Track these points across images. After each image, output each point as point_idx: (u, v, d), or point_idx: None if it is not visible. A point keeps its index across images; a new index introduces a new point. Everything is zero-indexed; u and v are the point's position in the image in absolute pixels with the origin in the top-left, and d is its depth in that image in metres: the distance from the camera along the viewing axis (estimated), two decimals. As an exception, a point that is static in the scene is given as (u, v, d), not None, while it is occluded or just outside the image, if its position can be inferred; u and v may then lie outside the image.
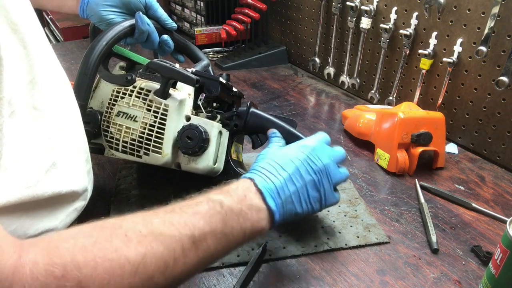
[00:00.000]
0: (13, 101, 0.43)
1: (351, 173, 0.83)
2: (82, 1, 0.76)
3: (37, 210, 0.50)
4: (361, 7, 1.08)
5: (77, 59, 1.40)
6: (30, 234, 0.49)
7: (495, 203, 0.76)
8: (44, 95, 0.50)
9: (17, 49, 0.46)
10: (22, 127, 0.46)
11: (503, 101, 0.85)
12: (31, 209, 0.49)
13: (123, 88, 0.67)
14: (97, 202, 0.69)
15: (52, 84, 0.52)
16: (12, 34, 0.45)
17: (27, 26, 0.48)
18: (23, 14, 0.48)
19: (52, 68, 0.54)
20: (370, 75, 1.15)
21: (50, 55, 0.54)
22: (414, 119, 0.82)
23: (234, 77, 1.31)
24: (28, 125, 0.47)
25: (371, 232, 0.67)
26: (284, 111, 1.10)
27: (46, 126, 0.50)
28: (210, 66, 0.83)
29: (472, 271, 0.60)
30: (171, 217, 0.45)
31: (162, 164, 0.65)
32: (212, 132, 0.65)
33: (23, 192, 0.46)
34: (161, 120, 0.65)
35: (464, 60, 0.91)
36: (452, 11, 0.90)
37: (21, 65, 0.46)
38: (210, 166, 0.65)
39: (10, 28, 0.44)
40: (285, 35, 1.46)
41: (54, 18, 1.94)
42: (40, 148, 0.49)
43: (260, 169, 0.55)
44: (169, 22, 0.81)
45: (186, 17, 1.62)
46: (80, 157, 0.58)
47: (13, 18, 0.45)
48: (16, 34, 0.45)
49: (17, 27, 0.45)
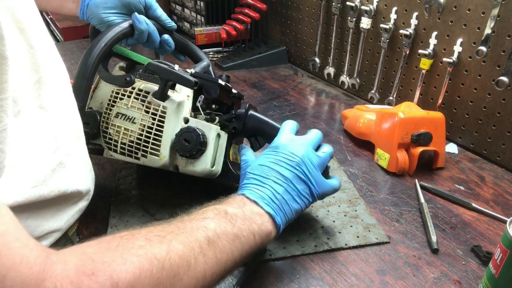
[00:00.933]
0: (19, 100, 0.43)
1: (351, 173, 0.83)
2: (82, 4, 0.76)
3: (43, 210, 0.50)
4: (361, 7, 1.08)
5: (77, 59, 1.40)
6: (35, 235, 0.50)
7: (495, 203, 0.76)
8: (50, 95, 0.50)
9: (23, 49, 0.46)
10: (28, 126, 0.46)
11: (503, 101, 0.85)
12: (38, 209, 0.49)
13: (122, 89, 0.67)
14: (97, 202, 0.69)
15: (57, 84, 0.53)
16: (19, 33, 0.45)
17: (33, 26, 0.48)
18: (29, 14, 0.48)
19: (57, 68, 0.54)
20: (370, 75, 1.15)
21: (55, 55, 0.54)
22: (414, 119, 0.82)
23: (234, 77, 1.31)
24: (34, 124, 0.47)
25: (371, 232, 0.67)
26: (284, 111, 1.10)
27: (52, 125, 0.50)
28: (211, 67, 0.83)
29: (472, 271, 0.60)
30: (182, 224, 0.47)
31: (160, 166, 0.65)
32: (210, 134, 0.65)
33: (30, 191, 0.46)
34: (159, 122, 0.65)
35: (464, 60, 0.91)
36: (452, 11, 0.90)
37: (27, 64, 0.46)
38: (208, 169, 0.65)
39: (17, 27, 0.45)
40: (285, 35, 1.46)
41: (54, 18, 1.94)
42: (47, 148, 0.49)
43: (246, 185, 0.57)
44: (169, 22, 0.81)
45: (186, 17, 1.62)
46: (84, 157, 0.59)
47: (20, 18, 0.45)
48: (22, 34, 0.45)
49: (24, 26, 0.45)
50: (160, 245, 0.41)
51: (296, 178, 0.57)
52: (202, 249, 0.44)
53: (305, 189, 0.58)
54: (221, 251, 0.46)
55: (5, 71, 0.39)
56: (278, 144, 0.60)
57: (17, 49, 0.44)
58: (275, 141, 0.62)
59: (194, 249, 0.43)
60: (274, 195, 0.55)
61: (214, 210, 0.50)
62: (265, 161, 0.59)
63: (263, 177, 0.57)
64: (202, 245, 0.44)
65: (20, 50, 0.45)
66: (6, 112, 0.40)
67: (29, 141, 0.46)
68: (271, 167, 0.57)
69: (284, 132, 0.62)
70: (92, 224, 0.68)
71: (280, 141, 0.61)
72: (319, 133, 0.64)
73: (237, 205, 0.52)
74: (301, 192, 0.57)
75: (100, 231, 0.66)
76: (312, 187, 0.58)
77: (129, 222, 0.68)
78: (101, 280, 0.36)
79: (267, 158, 0.59)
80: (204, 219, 0.48)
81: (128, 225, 0.67)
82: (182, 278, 0.41)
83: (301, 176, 0.57)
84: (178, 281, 0.41)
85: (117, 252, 0.39)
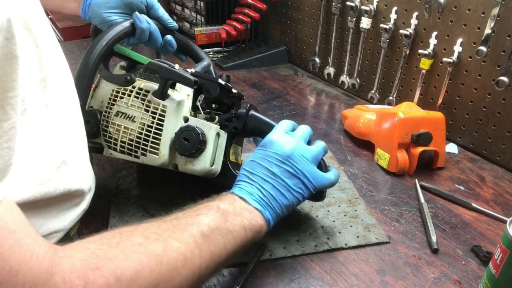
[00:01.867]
0: (26, 98, 0.44)
1: (351, 173, 0.83)
2: (83, 3, 0.76)
3: (47, 209, 0.51)
4: (361, 7, 1.08)
5: (77, 59, 1.40)
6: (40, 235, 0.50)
7: (495, 203, 0.76)
8: (55, 94, 0.51)
9: (30, 48, 0.46)
10: (34, 125, 0.46)
11: (503, 101, 0.85)
12: (42, 208, 0.50)
13: (122, 88, 0.67)
14: (97, 202, 0.68)
15: (61, 83, 0.53)
16: (26, 33, 0.45)
17: (39, 25, 0.48)
18: (35, 13, 0.48)
19: (61, 67, 0.55)
20: (370, 75, 1.15)
21: (59, 54, 0.55)
22: (414, 119, 0.82)
23: (234, 77, 1.31)
24: (40, 123, 0.48)
25: (371, 232, 0.67)
26: (284, 111, 1.10)
27: (57, 124, 0.51)
28: (212, 66, 0.83)
29: (472, 271, 0.60)
30: (176, 221, 0.49)
31: (159, 165, 0.65)
32: (209, 133, 0.65)
33: (35, 189, 0.47)
34: (158, 121, 0.65)
35: (464, 60, 0.91)
36: (452, 11, 0.90)
37: (34, 63, 0.47)
38: (207, 168, 0.65)
39: (24, 27, 0.45)
40: (285, 35, 1.46)
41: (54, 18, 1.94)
42: (52, 146, 0.50)
43: (237, 182, 0.59)
44: (170, 22, 0.81)
45: (186, 17, 1.62)
46: (86, 156, 0.59)
47: (27, 18, 0.45)
48: (29, 33, 0.46)
49: (30, 26, 0.46)
50: (158, 242, 0.44)
51: (286, 173, 0.58)
52: (197, 244, 0.46)
53: (297, 183, 0.58)
54: (215, 245, 0.48)
55: (16, 70, 0.39)
56: (268, 140, 0.61)
57: (25, 48, 0.44)
58: (266, 137, 0.62)
59: (190, 244, 0.46)
60: (260, 191, 0.56)
61: (207, 206, 0.52)
62: (255, 157, 0.60)
63: (252, 174, 0.58)
64: (197, 240, 0.46)
65: (28, 49, 0.46)
66: (15, 110, 0.41)
67: (35, 139, 0.47)
68: (260, 163, 0.59)
69: (276, 130, 0.63)
70: (92, 224, 0.68)
71: (270, 137, 0.61)
72: (308, 127, 0.65)
73: (228, 201, 0.54)
74: (292, 187, 0.57)
75: (100, 231, 0.66)
76: (306, 180, 0.58)
77: (129, 222, 0.68)
78: (105, 275, 0.38)
79: (257, 154, 0.60)
80: (198, 215, 0.50)
81: (128, 225, 0.67)
82: (180, 272, 0.44)
83: (291, 171, 0.58)
84: (177, 274, 0.43)
85: (118, 249, 0.41)
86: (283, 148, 0.59)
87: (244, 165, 0.60)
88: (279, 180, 0.57)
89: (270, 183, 0.57)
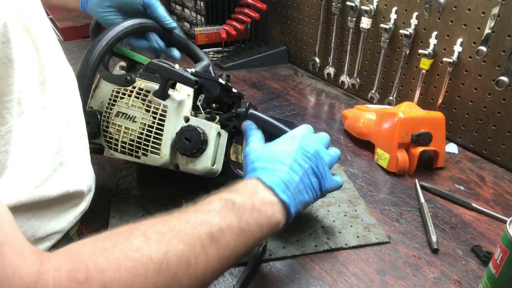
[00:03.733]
0: (23, 101, 0.44)
1: (351, 173, 0.83)
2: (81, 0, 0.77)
3: (46, 211, 0.50)
4: (361, 7, 1.08)
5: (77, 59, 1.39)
6: (38, 236, 0.50)
7: (495, 203, 0.76)
8: (54, 96, 0.50)
9: (29, 51, 0.46)
10: (31, 127, 0.46)
11: (503, 101, 0.85)
12: (41, 209, 0.49)
13: (122, 88, 0.67)
14: (97, 202, 0.68)
15: (61, 84, 0.53)
16: (25, 35, 0.45)
17: (40, 27, 0.48)
18: (36, 15, 0.48)
19: (61, 69, 0.55)
20: (370, 75, 1.15)
21: (59, 55, 0.55)
22: (414, 119, 0.82)
23: (234, 77, 1.31)
24: (37, 125, 0.47)
25: (371, 232, 0.67)
26: (284, 111, 1.10)
27: (55, 126, 0.50)
28: (211, 66, 0.83)
29: (472, 271, 0.60)
30: (186, 216, 0.45)
31: (160, 165, 0.65)
32: (210, 133, 0.65)
33: (33, 191, 0.47)
34: (159, 121, 0.65)
35: (464, 60, 0.91)
36: (452, 11, 0.90)
37: (33, 66, 0.47)
38: (208, 168, 0.65)
39: (23, 29, 0.45)
40: (285, 35, 1.46)
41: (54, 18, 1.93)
42: (49, 148, 0.49)
43: (261, 166, 0.55)
44: (169, 22, 0.80)
45: (186, 17, 1.62)
46: (86, 157, 0.59)
47: (27, 21, 0.45)
48: (29, 35, 0.46)
49: (30, 28, 0.46)
50: (159, 245, 0.40)
51: (311, 170, 0.56)
52: (203, 247, 0.43)
53: (316, 183, 0.57)
54: (224, 248, 0.44)
55: (11, 74, 0.40)
56: (296, 135, 0.60)
57: (23, 51, 0.44)
58: (291, 133, 0.61)
59: (195, 247, 0.42)
60: (290, 181, 0.53)
61: (221, 200, 0.48)
62: (283, 146, 0.58)
63: (280, 161, 0.54)
64: (204, 242, 0.43)
65: (26, 52, 0.45)
66: (11, 113, 0.41)
67: (32, 142, 0.46)
68: (289, 154, 0.56)
69: (301, 128, 0.62)
70: (92, 224, 0.68)
71: (298, 133, 0.60)
72: (327, 135, 0.64)
73: (247, 193, 0.50)
74: (313, 185, 0.56)
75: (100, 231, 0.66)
76: (323, 182, 0.58)
77: (129, 222, 0.67)
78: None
79: (285, 145, 0.58)
80: (209, 212, 0.46)
81: (128, 224, 0.67)
82: (180, 280, 0.40)
83: (315, 170, 0.57)
84: (176, 283, 0.40)
85: (113, 256, 0.38)
86: (313, 145, 0.58)
87: (268, 152, 0.57)
88: (305, 175, 0.55)
89: (299, 175, 0.54)
